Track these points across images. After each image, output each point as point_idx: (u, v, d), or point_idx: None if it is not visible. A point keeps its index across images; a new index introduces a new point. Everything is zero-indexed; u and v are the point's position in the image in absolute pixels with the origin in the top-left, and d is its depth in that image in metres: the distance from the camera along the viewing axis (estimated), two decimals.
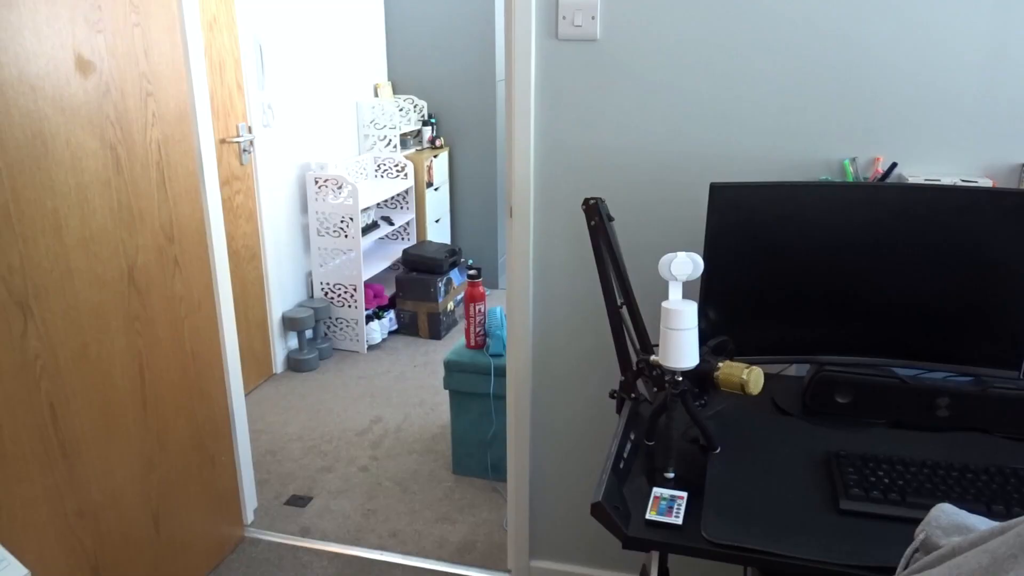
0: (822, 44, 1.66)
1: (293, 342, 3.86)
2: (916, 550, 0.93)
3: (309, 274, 4.01)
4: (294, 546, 2.47)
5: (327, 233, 3.89)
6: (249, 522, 2.57)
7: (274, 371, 3.75)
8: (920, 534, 0.93)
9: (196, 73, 2.12)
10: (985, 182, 1.62)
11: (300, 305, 3.88)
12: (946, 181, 1.62)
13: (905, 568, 0.93)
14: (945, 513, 0.93)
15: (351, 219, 3.82)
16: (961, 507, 1.16)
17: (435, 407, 3.39)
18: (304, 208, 3.91)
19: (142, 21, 1.91)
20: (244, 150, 3.40)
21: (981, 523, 0.90)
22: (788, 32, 1.67)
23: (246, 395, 3.49)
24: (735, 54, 1.71)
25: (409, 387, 3.59)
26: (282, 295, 3.78)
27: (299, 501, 2.72)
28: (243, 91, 3.36)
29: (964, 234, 1.45)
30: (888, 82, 1.65)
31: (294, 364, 3.78)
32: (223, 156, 3.27)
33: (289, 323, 3.74)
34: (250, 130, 3.42)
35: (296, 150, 3.81)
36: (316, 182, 3.82)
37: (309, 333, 3.86)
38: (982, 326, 1.49)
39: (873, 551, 1.14)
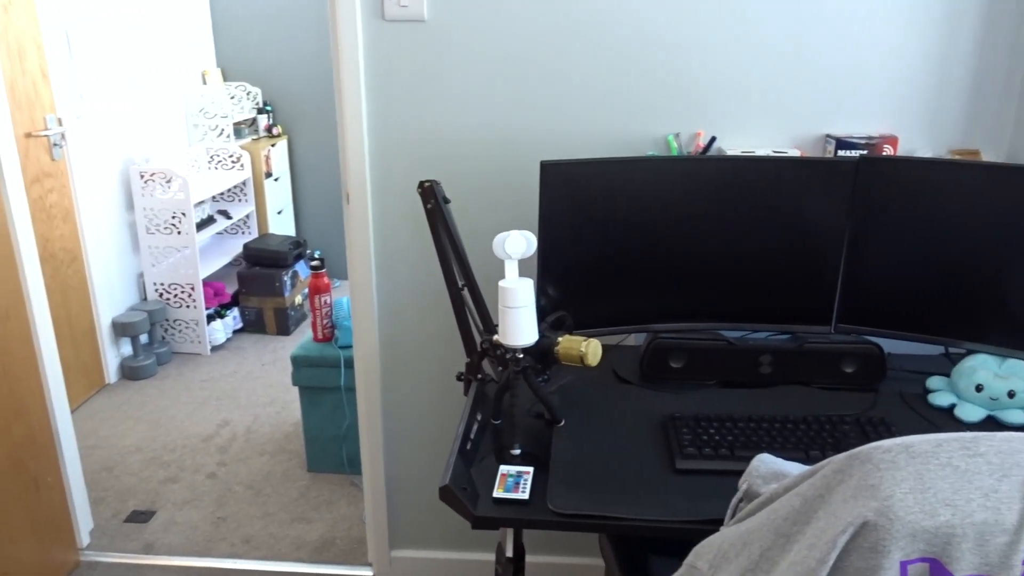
0: (645, 25, 1.71)
1: (127, 348, 3.61)
2: (740, 500, 0.98)
3: (141, 275, 3.75)
4: (137, 564, 2.32)
5: (158, 230, 3.65)
6: (85, 545, 2.39)
7: (107, 381, 3.49)
8: (743, 484, 0.98)
9: None
10: (794, 152, 1.74)
11: (132, 309, 3.63)
12: (760, 152, 1.72)
13: (732, 517, 0.98)
14: (764, 463, 0.98)
15: (184, 214, 3.60)
16: (784, 455, 1.24)
17: (286, 405, 3.28)
18: (130, 205, 3.65)
19: None
20: (55, 144, 3.12)
21: (796, 469, 0.97)
22: (613, 13, 1.71)
23: (74, 409, 3.24)
24: (563, 35, 1.73)
25: (258, 387, 3.45)
26: (111, 299, 3.52)
27: (141, 517, 2.55)
28: (48, 79, 3.08)
29: (778, 201, 1.55)
30: (706, 61, 1.73)
31: (129, 372, 3.53)
32: (30, 151, 2.99)
33: (120, 328, 3.49)
34: (60, 122, 3.14)
35: (117, 143, 3.55)
36: (142, 176, 3.58)
37: (144, 338, 3.62)
38: (798, 286, 1.60)
39: (707, 505, 1.20)
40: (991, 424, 1.44)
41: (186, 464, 2.86)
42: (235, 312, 3.97)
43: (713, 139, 1.75)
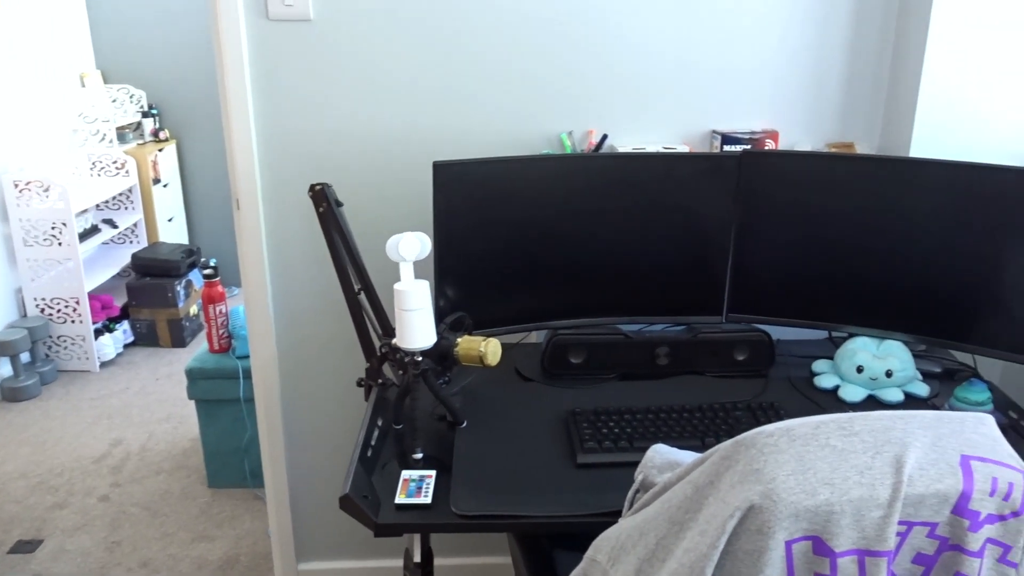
0: (536, 25, 1.72)
1: (7, 368, 3.39)
2: (637, 491, 1.00)
3: (19, 290, 3.53)
4: None
5: (36, 242, 3.44)
6: None
7: None
8: (639, 475, 1.00)
9: None
10: (682, 148, 1.78)
11: (11, 326, 3.41)
12: (650, 149, 1.76)
13: (629, 508, 0.99)
14: (659, 453, 1.01)
15: (64, 224, 3.41)
16: (681, 444, 1.28)
17: (184, 420, 3.15)
18: (4, 216, 3.43)
19: None
20: None
21: (688, 457, 0.99)
22: (504, 13, 1.71)
23: None
24: (453, 34, 1.73)
25: (152, 402, 3.30)
26: None
27: (26, 547, 2.40)
28: None
29: (668, 196, 1.59)
30: (596, 61, 1.75)
31: (9, 393, 3.32)
32: None
33: None
34: None
35: None
36: (16, 185, 3.37)
37: (26, 356, 3.41)
38: (690, 279, 1.64)
39: (609, 497, 1.22)
40: (872, 403, 1.52)
41: (76, 488, 2.71)
42: (125, 325, 3.79)
43: (605, 137, 1.78)
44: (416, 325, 1.30)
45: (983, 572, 0.84)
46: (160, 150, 4.13)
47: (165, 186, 4.20)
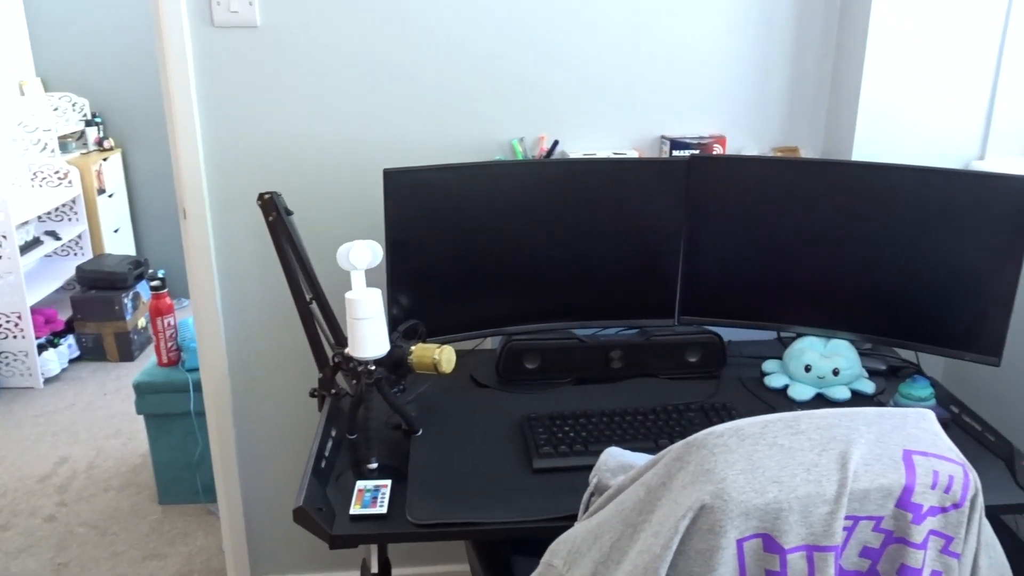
0: (486, 32, 1.73)
1: None
2: (592, 494, 1.01)
3: None
4: None
5: None
6: None
7: None
8: (593, 479, 1.01)
9: None
10: (632, 153, 1.80)
11: None
12: (601, 154, 1.78)
13: (584, 512, 1.00)
14: (612, 456, 1.01)
15: (4, 237, 3.31)
16: (635, 447, 1.29)
17: (133, 436, 3.08)
18: None
19: None
20: None
21: (642, 459, 1.00)
22: (454, 20, 1.71)
23: None
24: (403, 41, 1.72)
25: (99, 418, 3.22)
26: None
27: None
28: None
29: (619, 201, 1.60)
30: (547, 67, 1.76)
31: None
32: None
33: None
34: None
35: None
36: None
37: None
38: (642, 282, 1.66)
39: (565, 502, 1.22)
40: (820, 401, 1.56)
41: (19, 508, 2.62)
42: (70, 340, 3.69)
43: (556, 143, 1.79)
44: (369, 334, 1.29)
45: (927, 563, 0.87)
46: (105, 159, 4.04)
47: (110, 196, 4.11)
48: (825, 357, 1.56)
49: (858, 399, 1.55)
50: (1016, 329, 1.69)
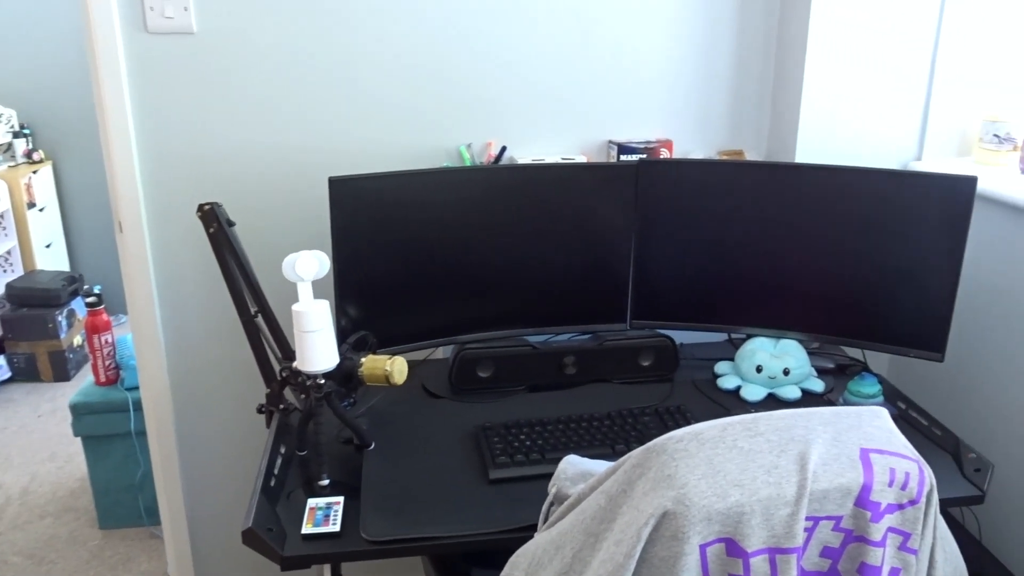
0: (433, 37, 1.70)
1: None
2: (551, 504, 0.99)
3: None
4: None
5: None
6: None
7: None
8: (552, 488, 0.99)
9: None
10: (580, 158, 1.80)
11: None
12: (549, 160, 1.77)
13: (544, 522, 0.98)
14: (571, 464, 1.00)
15: None
16: (592, 453, 1.28)
17: (70, 459, 2.95)
18: None
19: None
20: None
21: (601, 467, 0.99)
22: (398, 25, 1.69)
23: None
24: (347, 47, 1.69)
25: (34, 441, 3.08)
26: None
27: None
28: None
29: (568, 206, 1.60)
30: (493, 72, 1.75)
31: None
32: None
33: None
34: None
35: None
36: None
37: None
38: (593, 287, 1.65)
39: (523, 512, 1.20)
40: (772, 401, 1.57)
41: None
42: (1, 361, 3.53)
43: (504, 148, 1.78)
44: (317, 346, 1.26)
45: (886, 560, 0.87)
46: (34, 172, 3.89)
47: (41, 210, 3.95)
48: (775, 357, 1.57)
49: (808, 398, 1.57)
50: (958, 325, 1.73)
